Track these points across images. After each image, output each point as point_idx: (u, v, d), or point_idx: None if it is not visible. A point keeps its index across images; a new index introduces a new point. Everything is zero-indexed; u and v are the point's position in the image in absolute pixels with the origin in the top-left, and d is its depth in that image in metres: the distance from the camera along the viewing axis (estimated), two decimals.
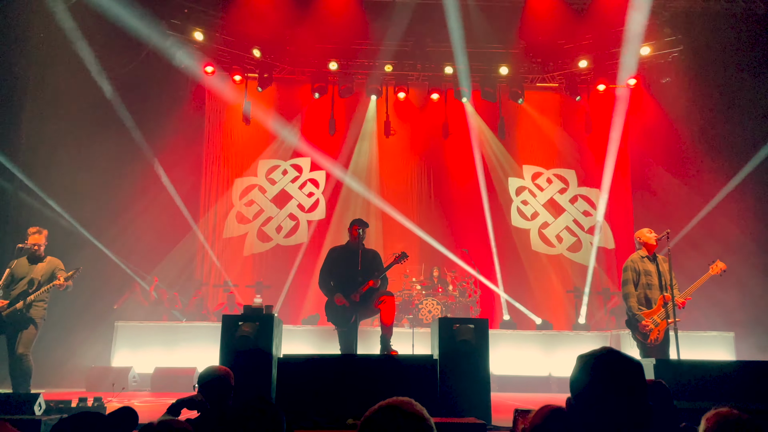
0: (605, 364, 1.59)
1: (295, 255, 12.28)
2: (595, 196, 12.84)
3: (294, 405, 4.94)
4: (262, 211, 12.64)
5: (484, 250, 12.15)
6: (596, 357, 1.60)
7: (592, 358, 1.61)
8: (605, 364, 1.58)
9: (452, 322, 5.34)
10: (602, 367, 1.58)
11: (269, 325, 5.18)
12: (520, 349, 9.67)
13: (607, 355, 1.60)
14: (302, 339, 9.42)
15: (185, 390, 8.03)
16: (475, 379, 5.10)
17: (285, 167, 12.90)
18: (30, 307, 6.12)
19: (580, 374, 1.61)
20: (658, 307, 5.84)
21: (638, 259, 6.09)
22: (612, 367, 1.58)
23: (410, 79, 12.51)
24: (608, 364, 1.58)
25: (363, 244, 6.38)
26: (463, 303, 10.48)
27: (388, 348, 6.06)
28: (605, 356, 1.60)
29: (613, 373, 1.56)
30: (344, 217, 12.15)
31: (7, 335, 6.10)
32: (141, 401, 6.84)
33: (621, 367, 1.58)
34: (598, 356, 1.60)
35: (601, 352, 1.62)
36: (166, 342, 9.21)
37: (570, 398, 1.65)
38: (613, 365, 1.58)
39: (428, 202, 12.80)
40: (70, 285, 6.25)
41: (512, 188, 12.98)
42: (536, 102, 13.07)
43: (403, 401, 1.47)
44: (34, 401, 4.66)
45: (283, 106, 12.92)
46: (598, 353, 1.62)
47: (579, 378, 1.60)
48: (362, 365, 5.35)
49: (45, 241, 6.37)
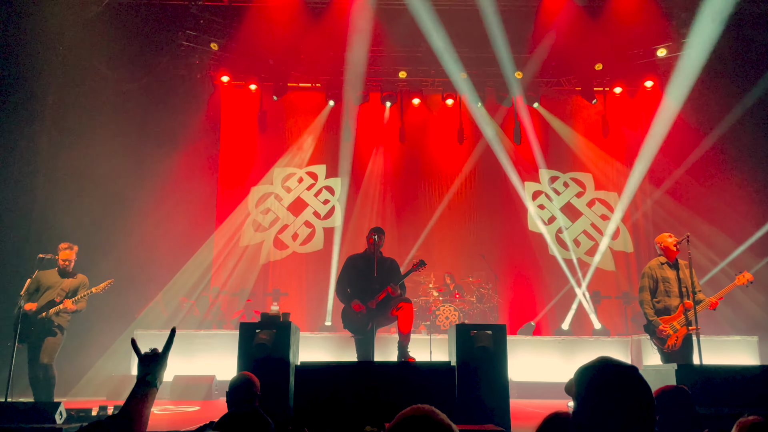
0: (599, 373, 1.69)
1: (311, 262, 12.32)
2: (613, 200, 12.73)
3: (311, 412, 4.94)
4: (278, 218, 12.69)
5: (501, 255, 12.09)
6: (591, 367, 1.71)
7: (587, 369, 1.72)
8: (599, 374, 1.68)
9: (470, 328, 5.31)
10: (597, 377, 1.68)
11: (286, 332, 5.20)
12: (539, 356, 9.58)
13: (601, 364, 1.71)
14: (319, 346, 9.43)
15: (204, 398, 8.08)
16: (493, 385, 5.06)
17: (300, 175, 12.95)
18: (56, 317, 6.22)
19: (578, 384, 1.71)
20: (678, 314, 5.76)
21: (657, 266, 6.01)
22: (605, 376, 1.67)
23: (424, 84, 12.53)
24: (602, 373, 1.68)
25: (380, 251, 6.39)
26: (480, 309, 10.42)
27: (405, 355, 6.04)
28: (599, 366, 1.70)
29: (606, 381, 1.66)
30: (360, 224, 12.16)
31: (30, 344, 6.15)
32: (160, 409, 6.88)
33: (613, 375, 1.67)
34: (592, 366, 1.71)
35: (596, 363, 1.72)
36: (185, 350, 9.26)
37: (574, 407, 1.73)
38: (606, 374, 1.68)
39: (444, 208, 12.75)
40: (84, 308, 6.46)
41: (528, 192, 12.90)
42: (552, 106, 13.00)
43: (427, 410, 1.46)
44: (56, 410, 4.71)
45: (297, 114, 13.00)
46: (593, 364, 1.72)
47: (578, 388, 1.71)
48: (379, 372, 5.33)
49: (75, 257, 6.50)
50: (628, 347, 9.70)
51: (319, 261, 12.25)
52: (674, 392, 2.90)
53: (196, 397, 8.10)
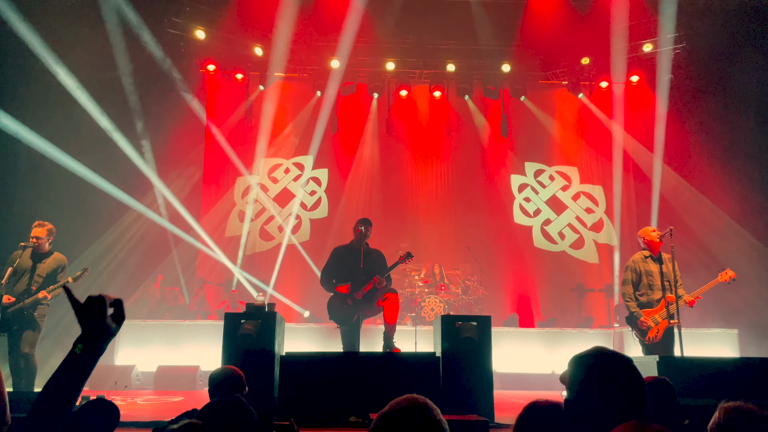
0: (596, 362, 1.70)
1: (297, 254, 12.28)
2: (598, 193, 12.83)
3: (296, 402, 4.94)
4: (264, 209, 12.63)
5: (487, 247, 12.14)
6: (586, 356, 1.73)
7: (582, 357, 1.73)
8: (596, 362, 1.70)
9: (455, 319, 5.33)
10: (592, 366, 1.70)
11: (271, 322, 5.18)
12: (523, 347, 9.67)
13: (596, 353, 1.72)
14: (305, 337, 9.42)
15: (188, 389, 8.05)
16: (478, 376, 5.09)
17: (287, 165, 12.89)
18: (35, 306, 6.04)
19: (573, 373, 1.73)
20: (661, 307, 5.82)
21: (640, 259, 6.07)
22: (603, 364, 1.69)
23: (412, 76, 12.50)
24: (597, 362, 1.70)
25: (367, 243, 6.39)
26: (466, 301, 10.47)
27: (390, 346, 6.05)
28: (594, 355, 1.72)
29: (604, 370, 1.67)
30: (347, 215, 12.14)
31: (9, 334, 6.01)
32: (144, 399, 6.84)
33: (609, 364, 1.69)
34: (588, 355, 1.73)
35: (591, 352, 1.73)
36: (169, 340, 9.21)
37: (567, 395, 1.74)
38: (604, 363, 1.69)
39: (430, 200, 12.78)
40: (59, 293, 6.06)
41: (515, 185, 12.96)
42: (538, 99, 13.05)
43: (419, 399, 1.47)
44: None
45: (284, 105, 12.91)
46: (589, 353, 1.73)
47: (572, 376, 1.72)
48: (365, 363, 5.35)
49: (48, 236, 6.22)
50: (611, 339, 9.81)
51: (305, 252, 12.20)
52: (656, 383, 2.93)
53: (180, 387, 8.06)
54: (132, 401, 6.61)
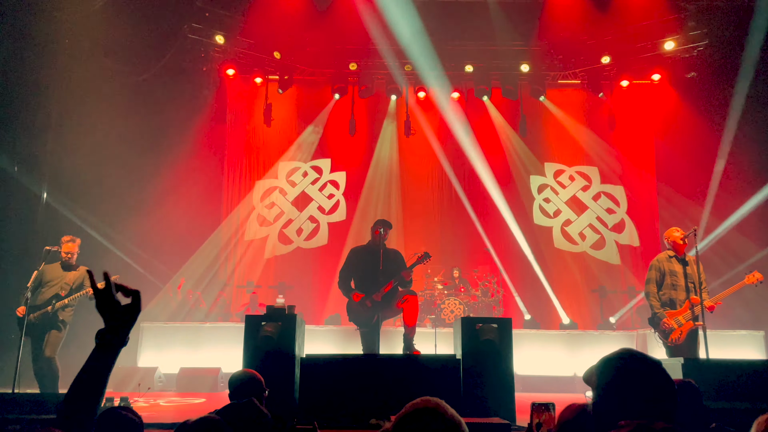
0: (625, 364, 1.69)
1: (316, 257, 12.30)
2: (619, 193, 12.67)
3: (316, 404, 4.95)
4: (282, 213, 12.68)
5: (507, 248, 12.05)
6: (615, 358, 1.72)
7: (611, 359, 1.72)
8: (625, 365, 1.69)
9: (475, 321, 5.30)
10: (621, 367, 1.69)
11: (292, 325, 5.20)
12: (544, 349, 9.57)
13: (626, 354, 1.71)
14: (325, 339, 9.44)
15: (210, 390, 8.12)
16: (498, 378, 5.06)
17: (305, 169, 12.93)
18: (60, 311, 6.21)
19: (600, 374, 1.71)
20: (685, 308, 5.73)
21: (665, 258, 5.99)
22: (632, 367, 1.68)
23: (430, 78, 12.45)
24: (626, 364, 1.69)
25: (384, 244, 6.37)
26: (485, 302, 10.41)
27: (410, 348, 6.04)
28: (624, 356, 1.71)
29: (632, 373, 1.66)
30: (365, 218, 12.12)
31: (33, 338, 6.17)
32: (167, 401, 6.92)
33: (638, 365, 1.67)
34: (617, 357, 1.72)
35: (620, 354, 1.72)
36: (191, 342, 9.30)
37: (594, 397, 1.73)
38: (633, 365, 1.68)
39: (449, 202, 12.72)
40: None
41: (534, 186, 12.85)
42: (558, 99, 12.93)
43: (436, 403, 1.45)
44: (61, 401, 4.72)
45: (303, 108, 12.96)
46: (618, 354, 1.72)
47: (600, 377, 1.71)
48: (385, 365, 5.34)
49: (78, 250, 6.48)
50: (634, 341, 9.67)
51: (323, 256, 12.21)
52: (682, 386, 2.88)
53: (202, 389, 8.13)
54: (155, 402, 6.68)
